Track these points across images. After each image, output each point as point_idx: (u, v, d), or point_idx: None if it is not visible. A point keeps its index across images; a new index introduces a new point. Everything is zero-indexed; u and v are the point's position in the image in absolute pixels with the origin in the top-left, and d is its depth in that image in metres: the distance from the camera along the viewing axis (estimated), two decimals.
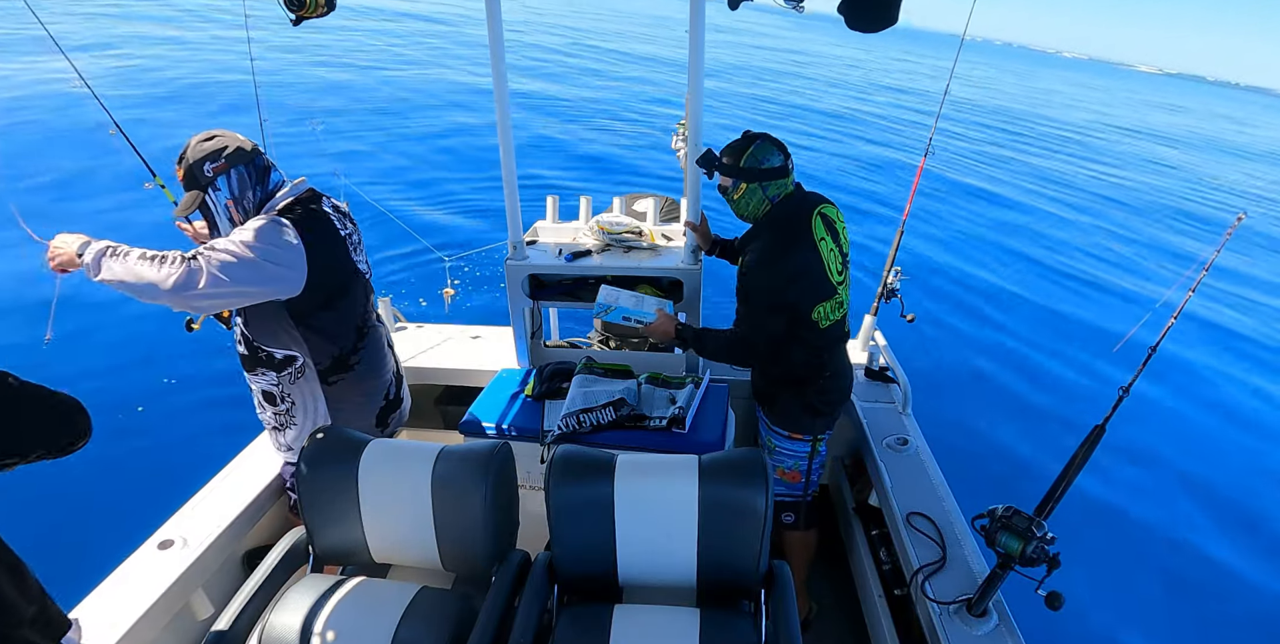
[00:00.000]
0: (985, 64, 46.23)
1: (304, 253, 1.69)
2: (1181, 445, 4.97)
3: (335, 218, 1.83)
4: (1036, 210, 10.70)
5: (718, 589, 1.67)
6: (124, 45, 14.47)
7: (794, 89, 20.63)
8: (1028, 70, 56.59)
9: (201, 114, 9.80)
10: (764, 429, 2.21)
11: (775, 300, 1.91)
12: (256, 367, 1.84)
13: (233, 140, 1.71)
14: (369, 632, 1.52)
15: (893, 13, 1.55)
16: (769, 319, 1.93)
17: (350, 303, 1.86)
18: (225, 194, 1.69)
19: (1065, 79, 53.46)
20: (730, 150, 1.94)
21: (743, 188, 1.93)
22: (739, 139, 1.95)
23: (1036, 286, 7.50)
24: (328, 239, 1.78)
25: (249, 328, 1.79)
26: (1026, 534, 1.47)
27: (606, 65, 20.23)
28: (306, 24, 1.75)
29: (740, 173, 1.91)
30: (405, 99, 12.86)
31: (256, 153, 1.74)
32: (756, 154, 1.90)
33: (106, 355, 4.42)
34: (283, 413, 1.90)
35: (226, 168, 1.67)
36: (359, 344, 1.91)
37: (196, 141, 1.70)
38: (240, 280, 1.59)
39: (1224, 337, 6.88)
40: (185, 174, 1.68)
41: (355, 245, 1.89)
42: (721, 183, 1.98)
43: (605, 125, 12.44)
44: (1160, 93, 60.88)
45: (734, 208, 2.00)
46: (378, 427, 2.02)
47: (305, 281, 1.70)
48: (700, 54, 1.98)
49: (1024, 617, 1.69)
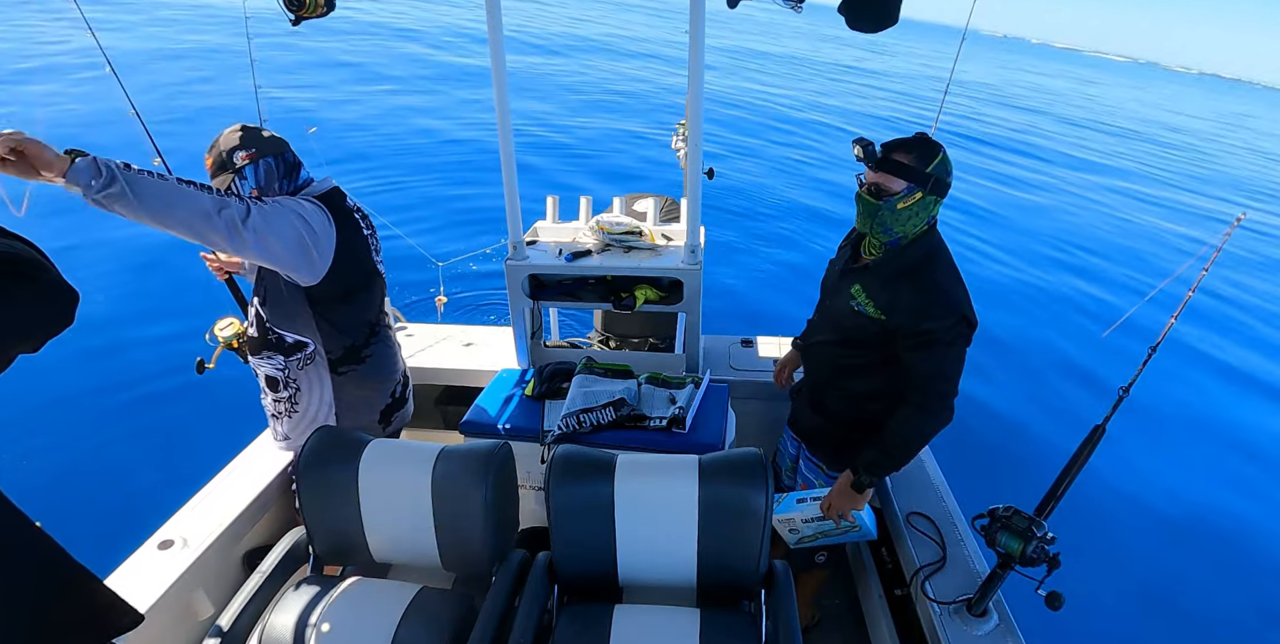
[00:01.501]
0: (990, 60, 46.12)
1: (335, 240, 1.71)
2: (1182, 445, 4.98)
3: (358, 217, 1.86)
4: (1036, 208, 10.70)
5: (718, 589, 1.67)
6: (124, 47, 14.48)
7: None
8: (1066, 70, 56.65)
9: (201, 115, 9.80)
10: (811, 473, 1.99)
11: (966, 333, 1.59)
12: (263, 349, 1.84)
13: (263, 134, 1.74)
14: (369, 632, 1.53)
15: (893, 12, 1.55)
16: (961, 358, 1.60)
17: (368, 299, 1.88)
18: (251, 183, 1.70)
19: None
20: (912, 149, 1.56)
21: (917, 197, 1.55)
22: (915, 139, 1.59)
23: (1036, 285, 7.50)
24: (354, 234, 1.80)
25: (266, 308, 1.80)
26: (1026, 534, 1.47)
27: (605, 66, 20.23)
28: (306, 24, 1.75)
29: (924, 179, 1.54)
30: (405, 98, 12.86)
31: (286, 149, 1.76)
32: (946, 163, 1.57)
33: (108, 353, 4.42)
34: (284, 399, 1.90)
35: (256, 157, 1.69)
36: (370, 339, 1.92)
37: (229, 132, 1.72)
38: (282, 235, 1.59)
39: (1225, 336, 6.87)
40: (214, 161, 1.70)
41: (375, 247, 1.91)
42: (879, 183, 1.57)
43: (605, 125, 12.45)
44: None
45: (886, 218, 1.57)
46: (380, 424, 2.02)
47: (329, 269, 1.71)
48: (700, 54, 1.98)
49: (1024, 617, 1.69)
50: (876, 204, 1.57)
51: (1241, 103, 65.21)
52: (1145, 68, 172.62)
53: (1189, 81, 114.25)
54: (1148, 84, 63.09)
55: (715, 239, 6.33)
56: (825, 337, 1.83)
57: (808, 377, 1.98)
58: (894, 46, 34.74)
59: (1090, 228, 10.11)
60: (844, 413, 1.84)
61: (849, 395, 1.82)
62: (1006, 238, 8.97)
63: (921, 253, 1.61)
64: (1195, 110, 40.69)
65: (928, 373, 1.59)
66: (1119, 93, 43.54)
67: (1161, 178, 15.12)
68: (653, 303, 2.38)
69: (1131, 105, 35.65)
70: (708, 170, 2.35)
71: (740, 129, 13.18)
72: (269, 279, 1.76)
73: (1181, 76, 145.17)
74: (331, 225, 1.71)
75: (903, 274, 1.61)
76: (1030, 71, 35.94)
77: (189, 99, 10.43)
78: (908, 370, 1.62)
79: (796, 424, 2.03)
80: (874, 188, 1.58)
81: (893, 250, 1.63)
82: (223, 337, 2.07)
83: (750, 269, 6.92)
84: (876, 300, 1.63)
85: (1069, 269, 8.19)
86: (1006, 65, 36.90)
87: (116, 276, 5.26)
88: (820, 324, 1.89)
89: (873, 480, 1.69)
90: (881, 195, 1.56)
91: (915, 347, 1.58)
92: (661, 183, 8.77)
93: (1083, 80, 45.79)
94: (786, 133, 13.69)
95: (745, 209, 8.51)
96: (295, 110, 10.62)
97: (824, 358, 1.85)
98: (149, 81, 10.92)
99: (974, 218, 9.57)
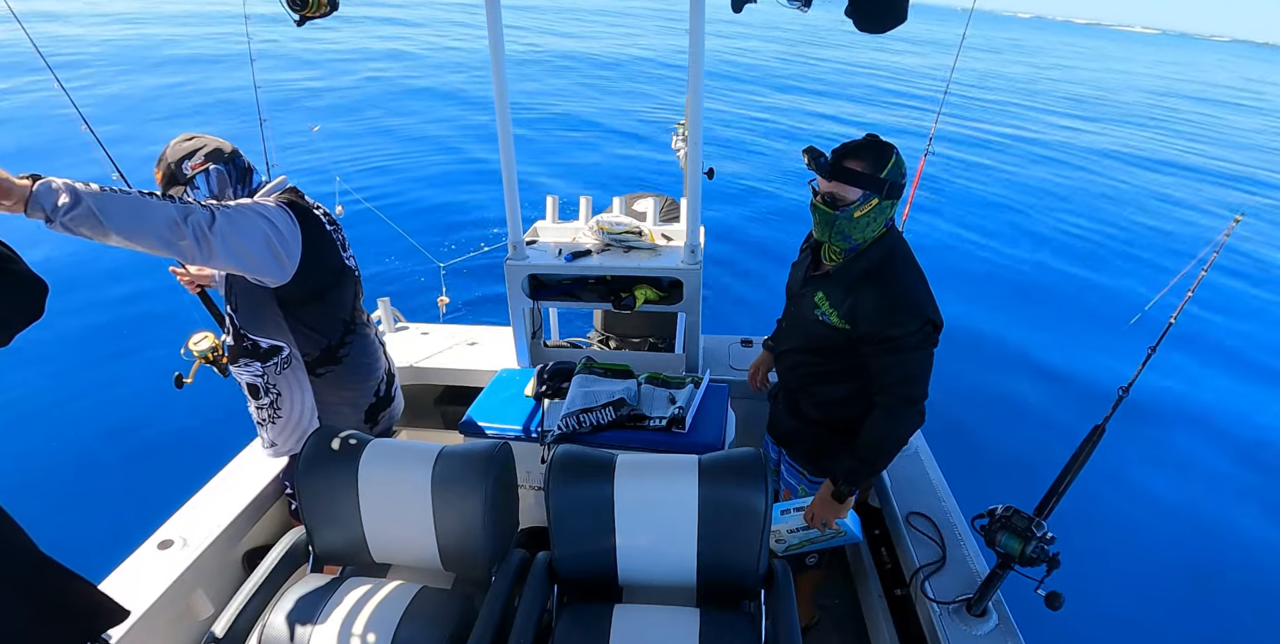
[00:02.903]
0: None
1: (300, 239, 1.69)
2: (1182, 444, 4.97)
3: (320, 215, 1.83)
4: (1034, 207, 10.69)
5: (718, 589, 1.67)
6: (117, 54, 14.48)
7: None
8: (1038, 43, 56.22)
9: (201, 116, 9.80)
10: (793, 478, 1.97)
11: (932, 336, 1.57)
12: (240, 357, 1.83)
13: (211, 141, 1.71)
14: (369, 632, 1.53)
15: (901, 11, 1.53)
16: (929, 360, 1.59)
17: (339, 297, 1.85)
18: (204, 192, 1.68)
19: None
20: (864, 155, 1.51)
21: (873, 204, 1.52)
22: (868, 142, 1.54)
23: (1036, 285, 7.50)
24: (319, 232, 1.77)
25: (238, 315, 1.79)
26: (1026, 534, 1.47)
27: (607, 65, 20.23)
28: (311, 24, 1.75)
29: (879, 185, 1.51)
30: (406, 100, 12.87)
31: (236, 154, 1.73)
32: (900, 165, 1.53)
33: (107, 354, 4.43)
34: (266, 406, 1.88)
35: (205, 165, 1.66)
36: (346, 339, 1.89)
37: (175, 143, 1.69)
38: (250, 239, 1.55)
39: (1225, 336, 6.87)
40: (164, 174, 1.67)
41: (342, 243, 1.88)
42: (833, 192, 1.54)
43: (605, 126, 12.45)
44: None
45: (844, 227, 1.56)
46: (366, 423, 2.00)
47: (297, 269, 1.68)
48: (700, 54, 1.98)
49: (1024, 617, 1.69)
50: (834, 214, 1.55)
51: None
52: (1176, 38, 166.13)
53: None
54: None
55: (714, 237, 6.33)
56: (793, 344, 1.83)
57: (781, 381, 1.98)
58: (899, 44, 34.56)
59: (1097, 213, 10.09)
60: (818, 418, 1.83)
61: (821, 401, 1.81)
62: (1003, 237, 8.97)
63: (880, 255, 1.60)
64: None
65: (896, 378, 1.58)
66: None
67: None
68: (653, 303, 2.38)
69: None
70: (708, 170, 2.35)
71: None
72: (238, 285, 1.73)
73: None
74: (296, 225, 1.68)
75: (864, 278, 1.60)
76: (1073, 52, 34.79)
77: (192, 96, 10.43)
78: (876, 376, 1.61)
79: (775, 429, 2.02)
80: (829, 197, 1.55)
81: (852, 255, 1.62)
82: (197, 351, 2.03)
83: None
84: (839, 309, 1.62)
85: (1070, 267, 8.18)
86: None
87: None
88: (788, 331, 1.89)
89: (853, 489, 1.69)
90: (838, 205, 1.54)
91: (881, 353, 1.57)
92: (662, 183, 8.77)
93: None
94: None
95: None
96: (296, 110, 10.63)
97: (794, 365, 1.85)
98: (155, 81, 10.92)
99: (976, 206, 9.59)
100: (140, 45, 16.01)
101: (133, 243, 1.36)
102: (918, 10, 1.99)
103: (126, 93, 11.07)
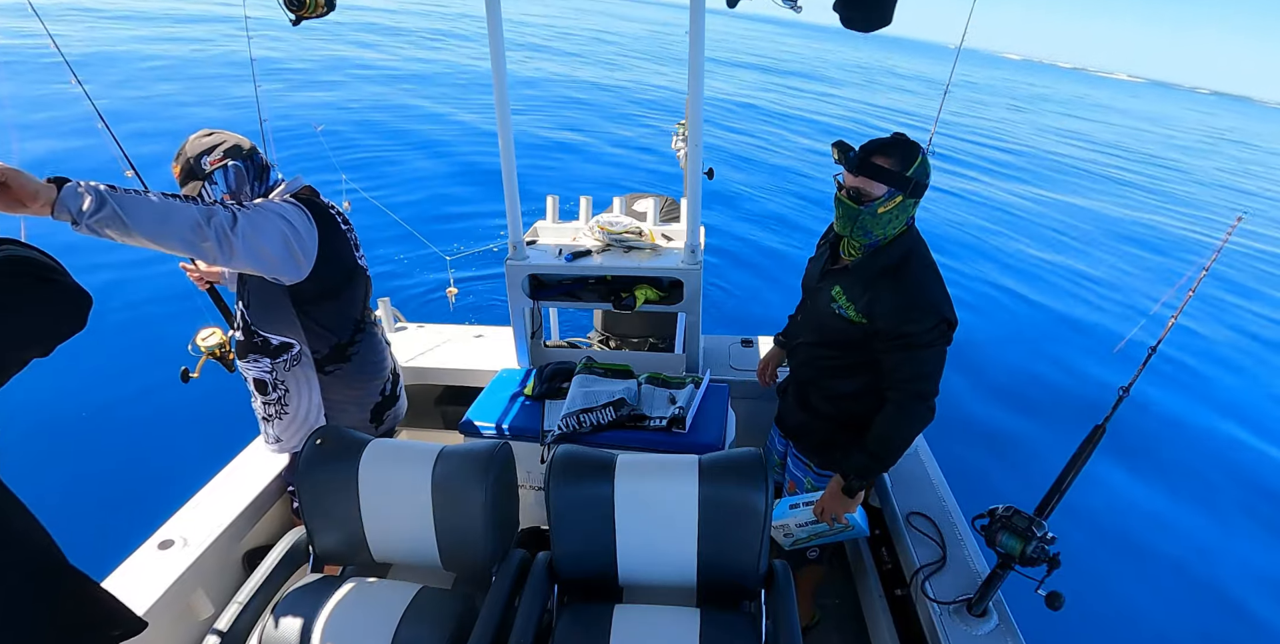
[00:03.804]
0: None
1: (317, 238, 1.70)
2: (1182, 444, 4.97)
3: (335, 214, 1.84)
4: (1034, 205, 10.69)
5: (718, 589, 1.67)
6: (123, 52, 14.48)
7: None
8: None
9: (200, 115, 9.80)
10: (799, 471, 1.99)
11: (946, 334, 1.58)
12: (249, 352, 1.83)
13: (230, 138, 1.72)
14: (369, 632, 1.53)
15: (887, 13, 1.55)
16: (942, 358, 1.59)
17: (351, 296, 1.87)
18: (222, 188, 1.69)
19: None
20: (892, 152, 1.52)
21: (897, 201, 1.53)
22: (894, 140, 1.56)
23: (1035, 285, 7.50)
24: (334, 231, 1.79)
25: (250, 311, 1.79)
26: (1027, 534, 1.47)
27: (606, 65, 20.22)
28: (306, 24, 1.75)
29: (904, 183, 1.52)
30: (406, 100, 12.87)
31: (254, 151, 1.75)
32: (925, 164, 1.54)
33: (105, 355, 4.42)
34: (273, 402, 1.89)
35: (224, 161, 1.68)
36: (355, 337, 1.91)
37: (194, 138, 1.71)
38: (270, 239, 1.57)
39: (1225, 335, 6.87)
40: (183, 169, 1.68)
41: (355, 243, 1.90)
42: (859, 187, 1.55)
43: (605, 125, 12.45)
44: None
45: (866, 222, 1.56)
46: (372, 422, 2.01)
47: (312, 267, 1.70)
48: (700, 54, 1.98)
49: (1024, 617, 1.69)
50: (857, 209, 1.55)
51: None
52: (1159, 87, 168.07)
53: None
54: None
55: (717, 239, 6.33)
56: (808, 338, 1.84)
57: (792, 375, 1.99)
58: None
59: (1102, 225, 10.09)
60: (829, 412, 1.84)
61: (832, 395, 1.82)
62: (1002, 236, 8.97)
63: (900, 253, 1.61)
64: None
65: (909, 375, 1.59)
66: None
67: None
68: (653, 303, 2.38)
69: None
70: (708, 170, 2.35)
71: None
72: (252, 282, 1.74)
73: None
74: (312, 224, 1.69)
75: (882, 275, 1.60)
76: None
77: (189, 99, 10.44)
78: (889, 372, 1.62)
79: (783, 422, 2.03)
80: (854, 192, 1.56)
81: (872, 251, 1.63)
82: (205, 346, 2.05)
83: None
84: (857, 303, 1.63)
85: (1070, 267, 8.19)
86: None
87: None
88: (803, 324, 1.90)
89: (864, 484, 1.71)
90: (862, 200, 1.55)
91: (895, 348, 1.58)
92: (662, 183, 8.77)
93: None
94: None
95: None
96: (298, 109, 10.64)
97: (807, 358, 1.86)
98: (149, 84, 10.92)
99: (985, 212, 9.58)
100: (140, 45, 16.01)
101: (156, 244, 1.38)
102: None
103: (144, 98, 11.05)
